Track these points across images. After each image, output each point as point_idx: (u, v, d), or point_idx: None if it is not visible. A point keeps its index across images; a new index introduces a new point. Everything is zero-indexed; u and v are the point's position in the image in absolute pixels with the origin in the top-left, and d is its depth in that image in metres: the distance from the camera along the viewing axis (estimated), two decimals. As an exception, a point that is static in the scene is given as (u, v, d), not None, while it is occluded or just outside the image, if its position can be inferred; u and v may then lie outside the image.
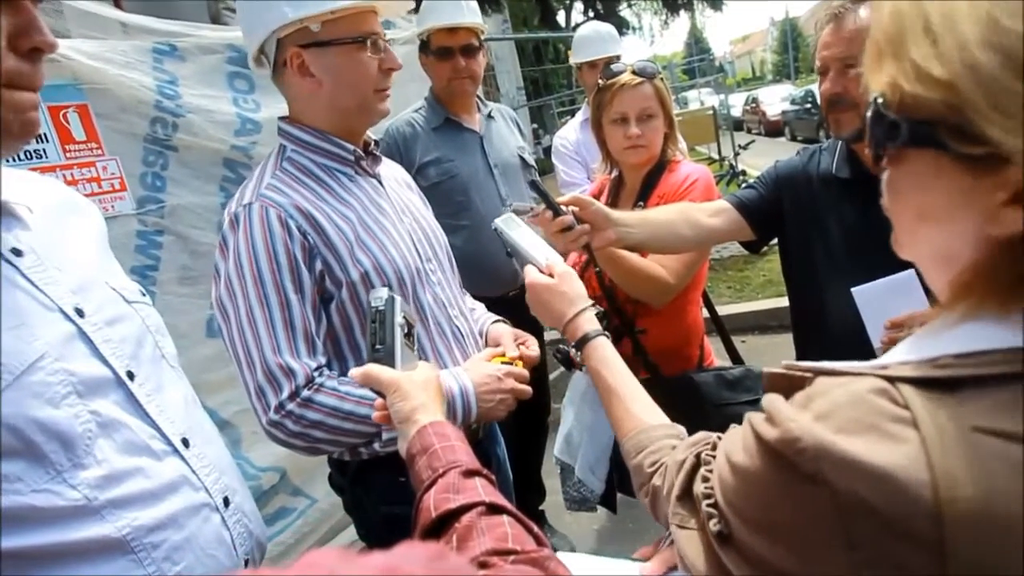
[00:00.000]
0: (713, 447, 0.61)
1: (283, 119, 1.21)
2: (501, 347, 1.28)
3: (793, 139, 15.17)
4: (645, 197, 1.63)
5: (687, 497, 0.61)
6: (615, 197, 1.73)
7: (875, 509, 0.40)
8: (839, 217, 1.26)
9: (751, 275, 5.10)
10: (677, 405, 1.55)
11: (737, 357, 1.78)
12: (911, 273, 1.01)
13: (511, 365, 1.21)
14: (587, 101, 2.36)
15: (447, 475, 0.69)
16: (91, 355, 0.72)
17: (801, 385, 0.50)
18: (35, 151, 1.77)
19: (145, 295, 0.89)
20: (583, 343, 0.89)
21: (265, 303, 1.05)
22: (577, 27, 3.45)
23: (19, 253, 0.71)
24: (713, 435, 0.65)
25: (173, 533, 0.74)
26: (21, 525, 0.63)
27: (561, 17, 18.34)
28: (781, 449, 0.44)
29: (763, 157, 6.26)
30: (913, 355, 0.45)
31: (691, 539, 0.58)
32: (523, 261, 1.02)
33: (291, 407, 1.04)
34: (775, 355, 0.54)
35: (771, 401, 0.48)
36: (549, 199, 1.20)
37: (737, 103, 19.48)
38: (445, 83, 2.17)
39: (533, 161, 2.46)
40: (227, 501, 0.83)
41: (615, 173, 1.76)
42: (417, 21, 2.28)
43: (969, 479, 0.39)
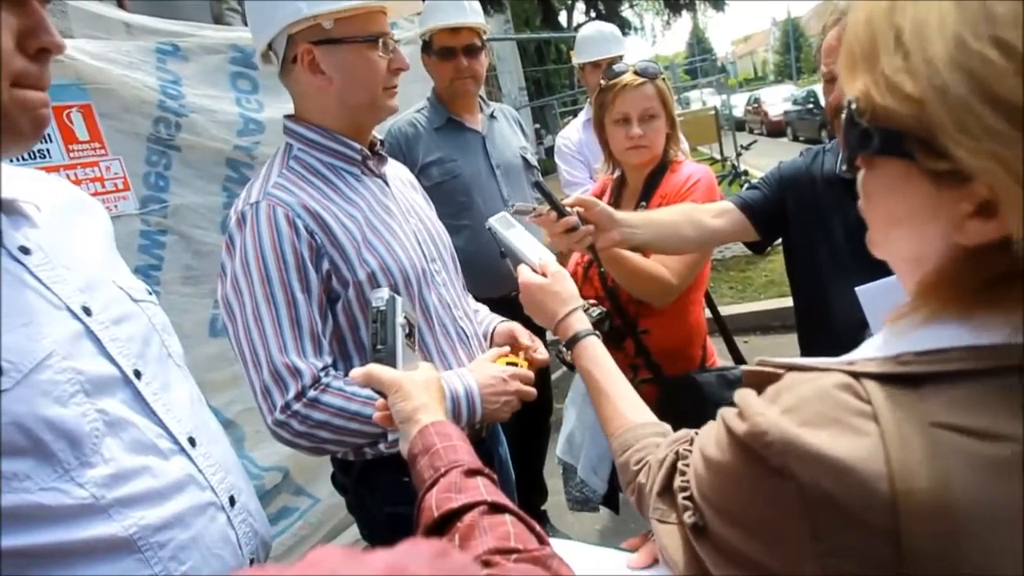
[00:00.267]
0: (691, 442, 0.62)
1: (289, 117, 1.21)
2: (506, 347, 1.28)
3: (795, 139, 15.16)
4: (647, 197, 1.63)
5: (667, 492, 0.62)
6: (617, 197, 1.73)
7: (837, 501, 0.42)
8: (843, 217, 1.26)
9: (753, 276, 5.10)
10: (679, 405, 1.57)
11: (739, 357, 1.78)
12: None
13: (516, 366, 1.21)
14: (590, 101, 2.36)
15: (449, 474, 0.69)
16: (98, 354, 0.72)
17: (774, 381, 0.51)
18: (39, 151, 1.78)
19: (151, 294, 0.89)
20: (573, 342, 0.91)
21: (272, 302, 1.04)
22: (579, 27, 3.45)
23: (27, 251, 0.71)
24: (692, 431, 0.66)
25: (179, 532, 0.74)
26: (29, 523, 0.64)
27: (563, 18, 18.34)
28: (750, 443, 0.46)
29: (765, 157, 6.26)
30: (879, 352, 0.47)
31: (671, 533, 0.60)
32: (516, 261, 1.03)
33: (297, 407, 1.04)
34: (778, 355, 0.54)
35: (742, 396, 0.50)
36: (553, 200, 1.20)
37: (739, 103, 19.47)
38: (447, 83, 2.17)
39: (535, 161, 2.46)
40: (233, 500, 0.83)
41: (617, 173, 1.76)
42: (419, 21, 2.29)
43: (925, 472, 0.40)
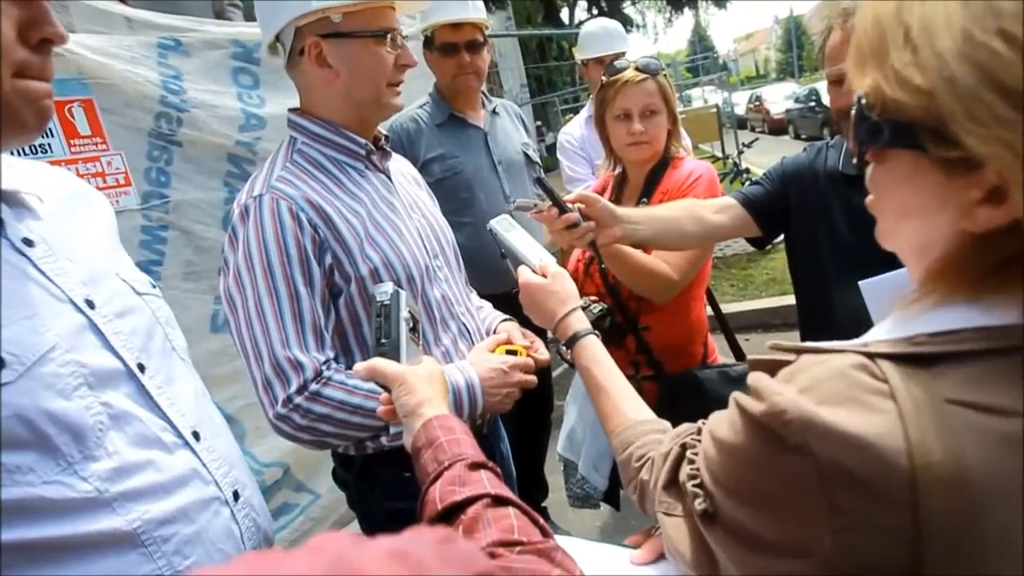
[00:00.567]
0: (698, 432, 0.63)
1: (293, 111, 1.20)
2: (504, 335, 1.28)
3: (797, 137, 15.13)
4: (648, 194, 1.63)
5: (673, 485, 0.63)
6: (619, 194, 1.73)
7: (856, 476, 0.43)
8: (846, 213, 1.26)
9: (754, 273, 5.10)
10: (680, 402, 1.57)
11: (741, 354, 1.78)
12: None
13: (516, 355, 1.21)
14: (592, 97, 2.36)
15: (453, 468, 0.70)
16: (102, 347, 0.72)
17: (783, 366, 0.52)
18: (40, 146, 1.78)
19: (155, 287, 0.89)
20: (573, 341, 0.92)
21: (275, 295, 1.04)
22: (581, 24, 3.44)
23: (30, 243, 0.70)
24: (696, 425, 0.67)
25: (183, 527, 0.74)
26: (32, 517, 0.63)
27: (565, 14, 18.32)
28: (767, 422, 0.46)
29: (767, 155, 6.24)
30: (891, 334, 0.48)
31: (677, 526, 0.61)
32: (517, 262, 1.03)
33: (299, 401, 1.04)
34: None
35: (757, 378, 0.50)
36: (555, 196, 1.20)
37: (741, 101, 19.43)
38: (449, 79, 2.17)
39: (537, 157, 2.45)
40: (236, 495, 0.83)
41: (619, 170, 1.76)
42: (421, 17, 2.28)
43: (942, 446, 0.41)
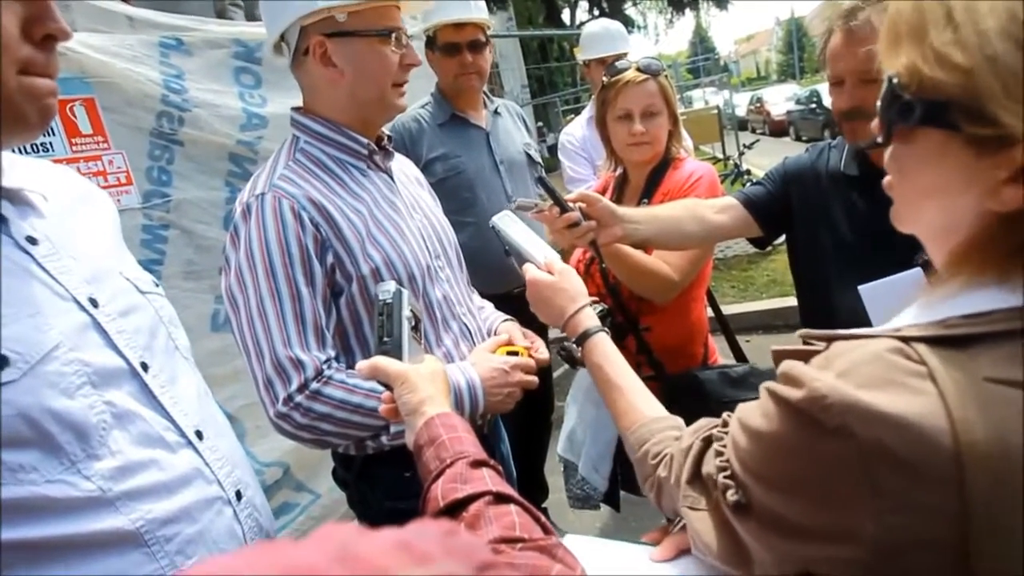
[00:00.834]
0: (724, 425, 0.63)
1: (296, 110, 1.20)
2: (505, 336, 1.28)
3: (798, 139, 15.13)
4: (649, 194, 1.63)
5: (697, 480, 0.64)
6: (619, 194, 1.73)
7: (900, 457, 0.44)
8: (848, 214, 1.26)
9: (755, 275, 5.09)
10: (681, 403, 1.56)
11: (741, 355, 1.78)
12: (918, 271, 1.01)
13: (517, 356, 1.21)
14: (594, 98, 2.36)
15: (455, 465, 0.70)
16: (105, 345, 0.72)
17: (812, 356, 0.52)
18: (42, 144, 1.78)
19: (159, 285, 0.89)
20: (584, 339, 0.92)
21: (276, 294, 1.05)
22: (582, 25, 3.45)
23: (34, 241, 0.70)
24: (717, 419, 0.68)
25: (186, 526, 0.74)
26: (35, 516, 0.63)
27: (566, 15, 18.33)
28: (806, 407, 0.47)
29: (768, 157, 6.25)
30: (922, 318, 0.49)
31: (703, 520, 0.61)
32: (521, 259, 1.03)
33: (299, 399, 1.04)
34: None
35: (791, 366, 0.51)
36: (556, 195, 1.20)
37: (742, 103, 19.43)
38: (451, 79, 2.17)
39: (539, 158, 2.45)
40: (239, 495, 0.83)
41: (620, 170, 1.76)
42: (423, 17, 2.28)
43: (984, 423, 0.42)
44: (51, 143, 1.80)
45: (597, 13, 17.85)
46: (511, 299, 1.94)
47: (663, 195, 1.61)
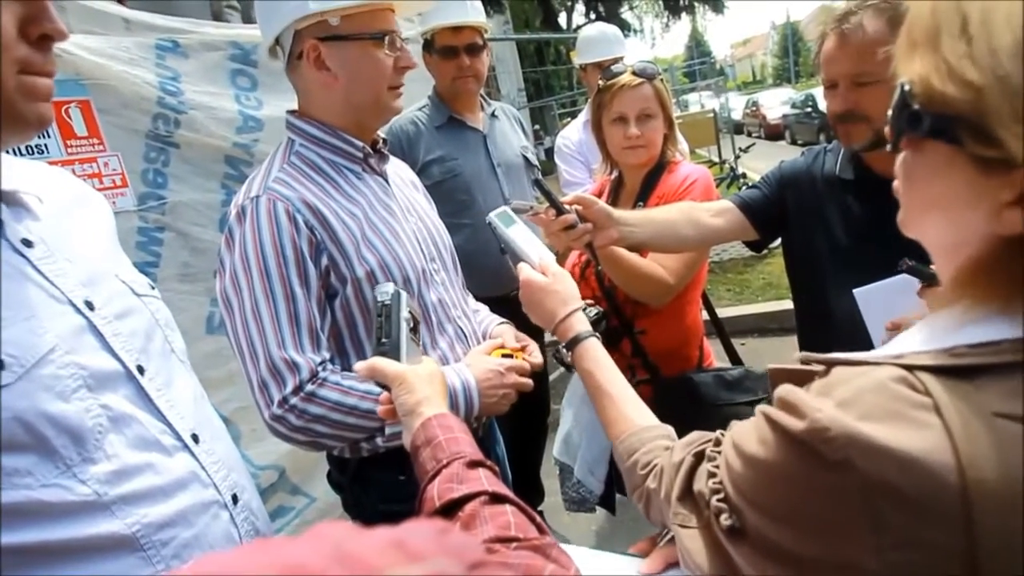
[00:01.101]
0: (716, 443, 0.61)
1: (292, 113, 1.20)
2: (501, 339, 1.28)
3: (793, 143, 15.19)
4: (645, 198, 1.64)
5: (688, 496, 0.62)
6: (615, 198, 1.74)
7: (904, 493, 0.42)
8: (843, 217, 1.27)
9: (751, 278, 5.11)
10: (676, 405, 1.57)
11: (736, 358, 1.78)
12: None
13: (512, 358, 1.21)
14: (590, 101, 2.37)
15: (451, 465, 0.70)
16: (101, 348, 0.72)
17: (810, 379, 0.51)
18: (36, 146, 1.77)
19: (154, 288, 0.89)
20: (574, 343, 0.90)
21: (270, 296, 1.04)
22: (579, 29, 3.45)
23: (29, 244, 0.70)
24: (709, 433, 0.66)
25: (182, 530, 0.74)
26: (30, 520, 0.63)
27: (563, 19, 18.38)
28: (808, 439, 0.45)
29: (763, 160, 6.27)
30: (927, 345, 0.47)
31: (694, 538, 0.59)
32: (516, 258, 1.02)
33: (294, 401, 1.04)
34: (774, 358, 0.55)
35: (789, 391, 0.49)
36: (552, 198, 1.20)
37: (737, 106, 19.50)
38: (449, 82, 2.17)
39: (536, 161, 2.46)
40: (236, 498, 0.83)
41: (615, 174, 1.77)
42: (421, 20, 2.29)
43: (993, 461, 0.41)
44: (46, 145, 1.79)
45: (593, 17, 17.91)
46: (507, 302, 1.94)
47: (658, 198, 1.61)
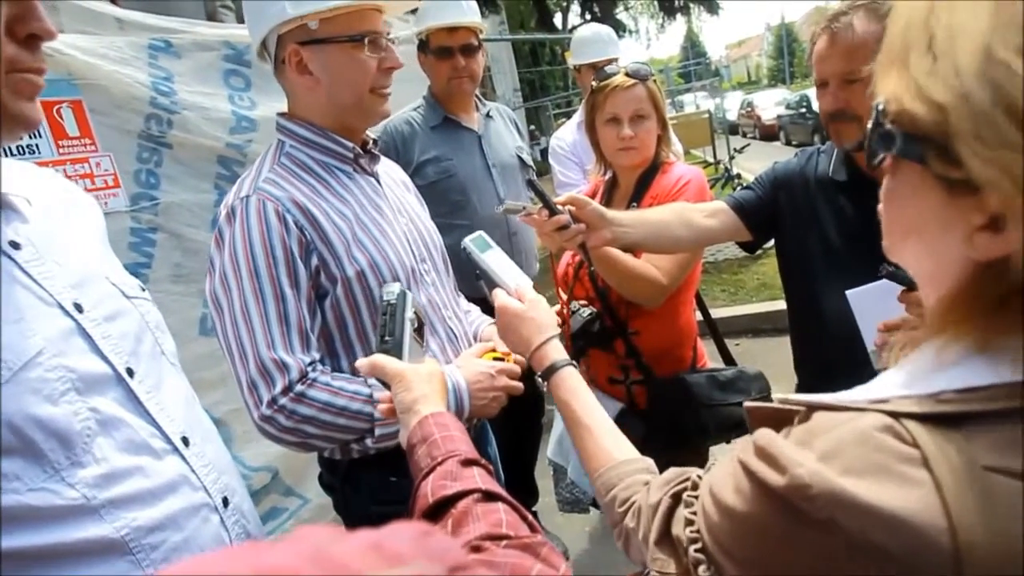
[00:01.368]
0: (693, 487, 0.59)
1: (282, 115, 1.21)
2: (492, 342, 1.28)
3: (788, 143, 15.26)
4: (638, 198, 1.64)
5: (665, 540, 0.60)
6: (609, 199, 1.74)
7: (892, 555, 0.40)
8: (836, 219, 1.27)
9: (745, 278, 5.12)
10: (669, 406, 1.57)
11: (730, 359, 1.78)
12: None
13: (503, 361, 1.21)
14: (584, 102, 2.37)
15: (445, 463, 0.70)
16: (90, 351, 0.71)
17: (790, 418, 0.48)
18: (28, 146, 1.76)
19: (145, 290, 0.88)
20: (550, 372, 0.88)
21: (260, 296, 1.04)
22: (574, 29, 3.45)
23: (17, 246, 0.70)
24: (688, 471, 0.64)
25: (172, 534, 0.73)
26: (18, 525, 0.63)
27: (558, 19, 18.41)
28: (789, 495, 0.43)
29: (758, 161, 6.30)
30: (913, 389, 0.44)
31: None
32: (492, 284, 1.01)
33: (284, 402, 1.04)
34: (769, 358, 0.54)
35: (769, 440, 0.46)
36: (546, 198, 1.20)
37: (732, 107, 19.57)
38: (444, 82, 2.17)
39: (531, 161, 2.46)
40: (226, 501, 0.83)
41: (609, 174, 1.77)
42: (416, 20, 2.29)
43: (986, 522, 0.39)
44: (37, 145, 1.78)
45: (589, 17, 17.92)
46: (501, 303, 1.94)
47: (652, 199, 1.61)
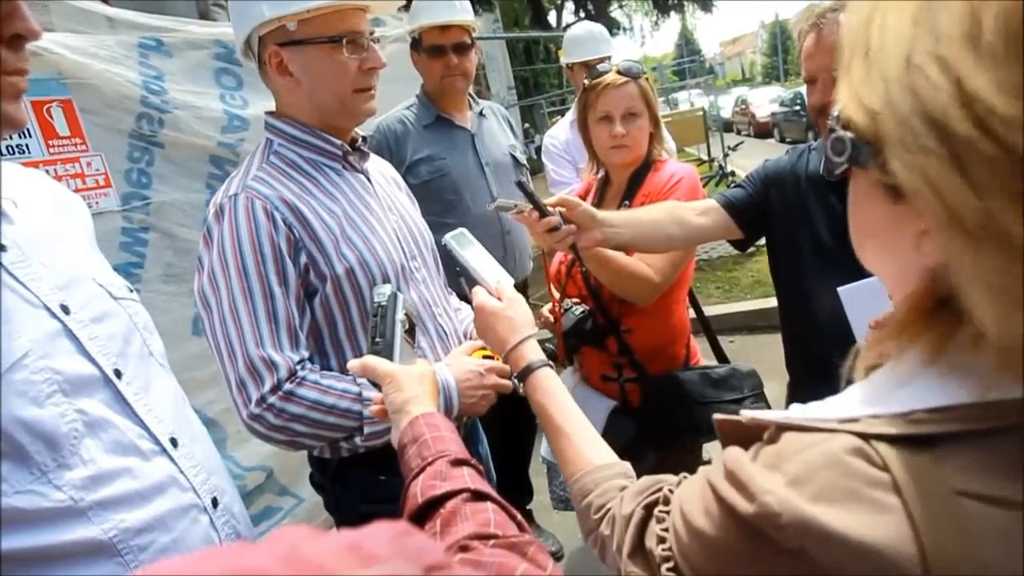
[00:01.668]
0: (665, 501, 0.58)
1: (270, 113, 1.21)
2: (482, 341, 1.28)
3: (782, 140, 15.28)
4: (631, 197, 1.64)
5: (639, 552, 0.59)
6: (601, 197, 1.74)
7: None
8: (826, 216, 1.28)
9: (740, 275, 5.14)
10: (663, 404, 1.57)
11: (723, 356, 1.79)
12: None
13: (492, 359, 1.21)
14: (576, 101, 2.37)
15: (435, 463, 0.70)
16: (77, 353, 0.71)
17: (759, 435, 0.48)
18: (17, 146, 1.75)
19: (133, 291, 0.88)
20: (526, 374, 0.86)
21: (248, 295, 1.04)
22: (568, 27, 3.45)
23: (3, 248, 0.69)
24: (661, 480, 0.63)
25: (160, 535, 0.73)
26: (5, 527, 0.62)
27: (552, 17, 18.39)
28: (758, 524, 0.43)
29: (752, 158, 6.30)
30: (882, 407, 0.43)
31: None
32: (472, 282, 1.00)
33: (272, 400, 1.04)
34: (763, 355, 0.54)
35: (737, 464, 0.46)
36: (535, 199, 1.20)
37: (727, 104, 19.59)
38: (437, 81, 2.17)
39: (525, 160, 2.46)
40: (215, 502, 0.83)
41: (602, 173, 1.77)
42: (408, 19, 2.28)
43: (959, 550, 0.38)
44: (27, 145, 1.77)
45: (583, 15, 17.92)
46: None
47: (644, 197, 1.61)
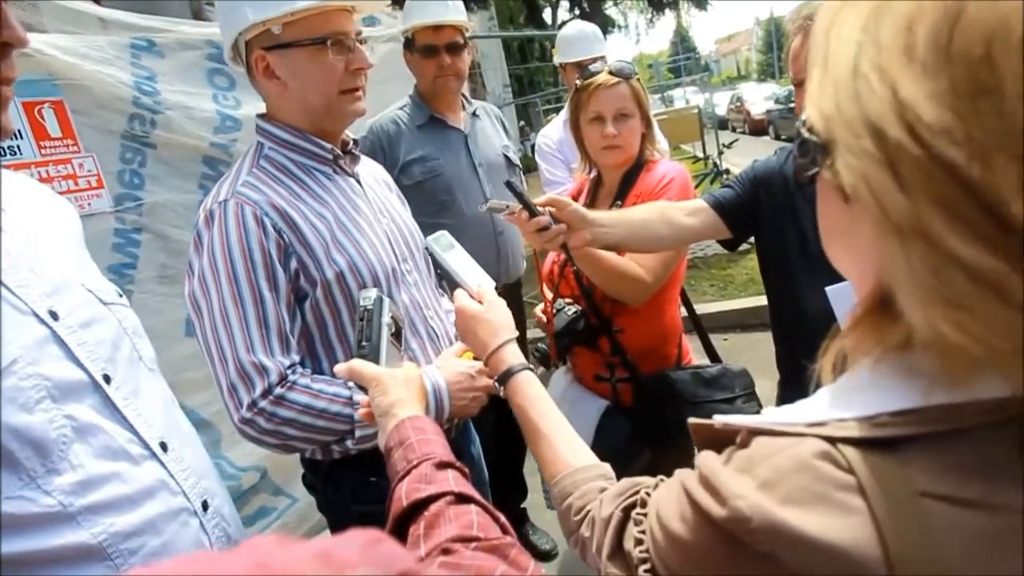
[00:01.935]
0: (642, 504, 0.59)
1: (260, 116, 1.21)
2: None
3: (777, 138, 15.32)
4: (623, 196, 1.65)
5: (618, 555, 0.60)
6: (594, 197, 1.75)
7: None
8: (814, 216, 1.28)
9: (734, 273, 5.15)
10: (655, 403, 1.58)
11: (715, 356, 1.80)
12: None
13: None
14: (568, 101, 2.37)
15: (420, 466, 0.71)
16: (66, 358, 0.71)
17: (732, 439, 0.49)
18: (9, 148, 1.75)
19: (122, 296, 0.88)
20: (506, 377, 0.86)
21: (239, 300, 1.05)
22: (564, 25, 3.44)
23: None
24: (639, 483, 0.63)
25: (151, 539, 0.74)
26: None
27: (547, 15, 18.36)
28: (730, 528, 0.44)
29: (747, 156, 6.31)
30: (849, 411, 0.44)
31: None
32: (453, 284, 1.00)
33: (263, 404, 1.04)
34: (757, 353, 0.54)
35: (711, 469, 0.47)
36: (525, 199, 1.20)
37: (722, 102, 19.61)
38: (430, 81, 2.16)
39: (518, 160, 2.46)
40: (206, 505, 0.83)
41: (594, 173, 1.78)
42: (402, 19, 2.28)
43: (922, 550, 0.39)
44: (19, 146, 1.77)
45: (578, 13, 17.88)
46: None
47: (636, 197, 1.62)
